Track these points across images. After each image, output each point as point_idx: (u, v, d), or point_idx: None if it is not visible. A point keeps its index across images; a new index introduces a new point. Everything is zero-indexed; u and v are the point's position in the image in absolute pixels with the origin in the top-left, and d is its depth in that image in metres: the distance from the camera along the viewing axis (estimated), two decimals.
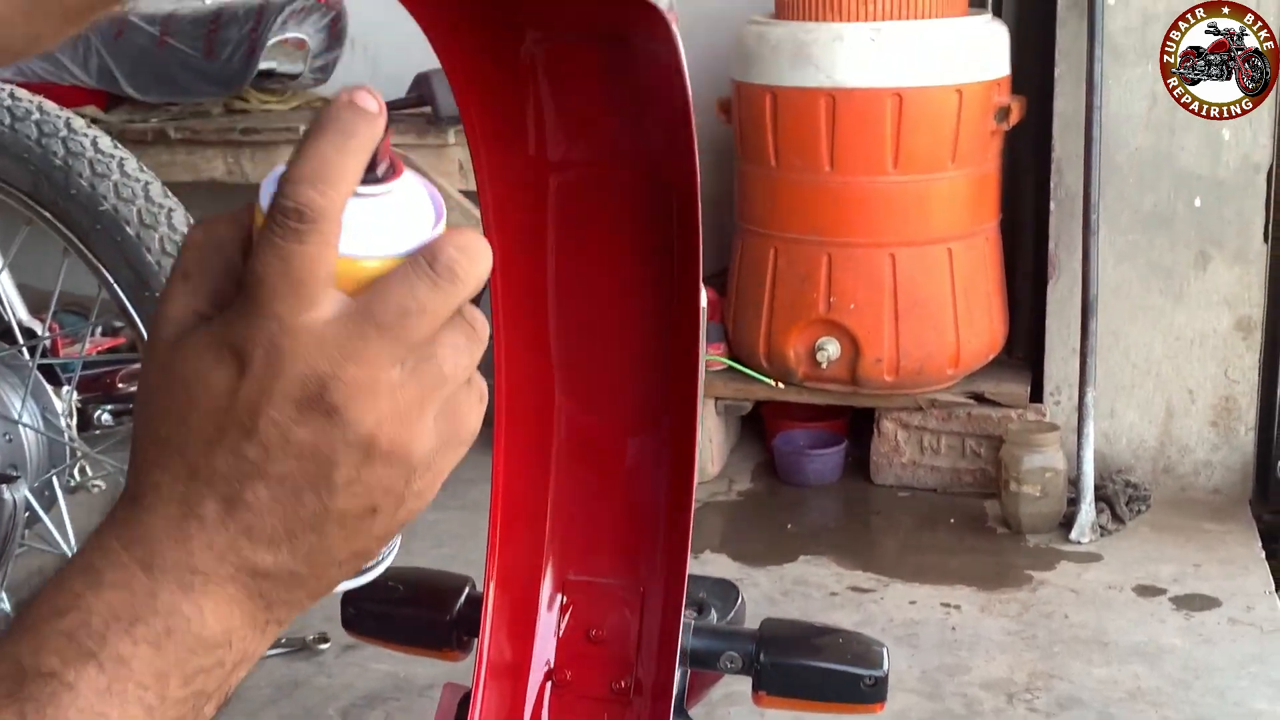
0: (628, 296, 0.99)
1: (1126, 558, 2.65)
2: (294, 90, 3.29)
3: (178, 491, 0.54)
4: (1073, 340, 2.85)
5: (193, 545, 0.54)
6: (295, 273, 0.52)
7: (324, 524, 0.55)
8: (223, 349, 0.54)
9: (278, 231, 0.52)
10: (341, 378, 0.53)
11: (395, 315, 0.54)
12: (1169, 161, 2.81)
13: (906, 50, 2.72)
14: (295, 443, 0.54)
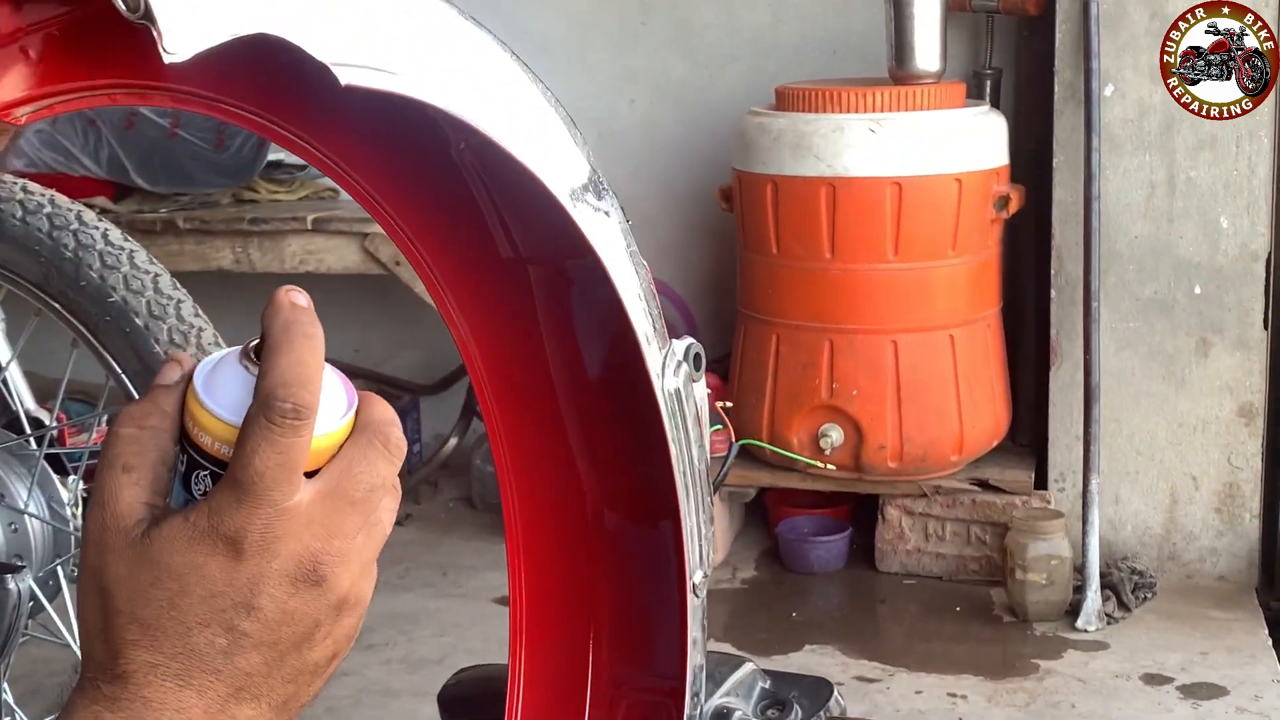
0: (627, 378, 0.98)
1: (1133, 646, 2.63)
2: (301, 180, 3.33)
3: (174, 669, 0.60)
4: (1076, 427, 2.86)
5: (192, 713, 0.60)
6: (290, 463, 0.59)
7: (299, 675, 0.62)
8: (215, 540, 0.59)
9: (278, 430, 0.59)
10: (329, 551, 0.61)
11: (364, 491, 0.62)
12: (1168, 250, 2.84)
13: (906, 140, 2.76)
14: (289, 613, 0.61)
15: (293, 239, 3.09)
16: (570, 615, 1.06)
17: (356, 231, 3.06)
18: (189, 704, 0.60)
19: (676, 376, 0.97)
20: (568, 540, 1.06)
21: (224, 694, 0.60)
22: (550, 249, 0.95)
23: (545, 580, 1.06)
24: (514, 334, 0.99)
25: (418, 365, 3.65)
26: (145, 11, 0.58)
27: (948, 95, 2.83)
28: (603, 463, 1.04)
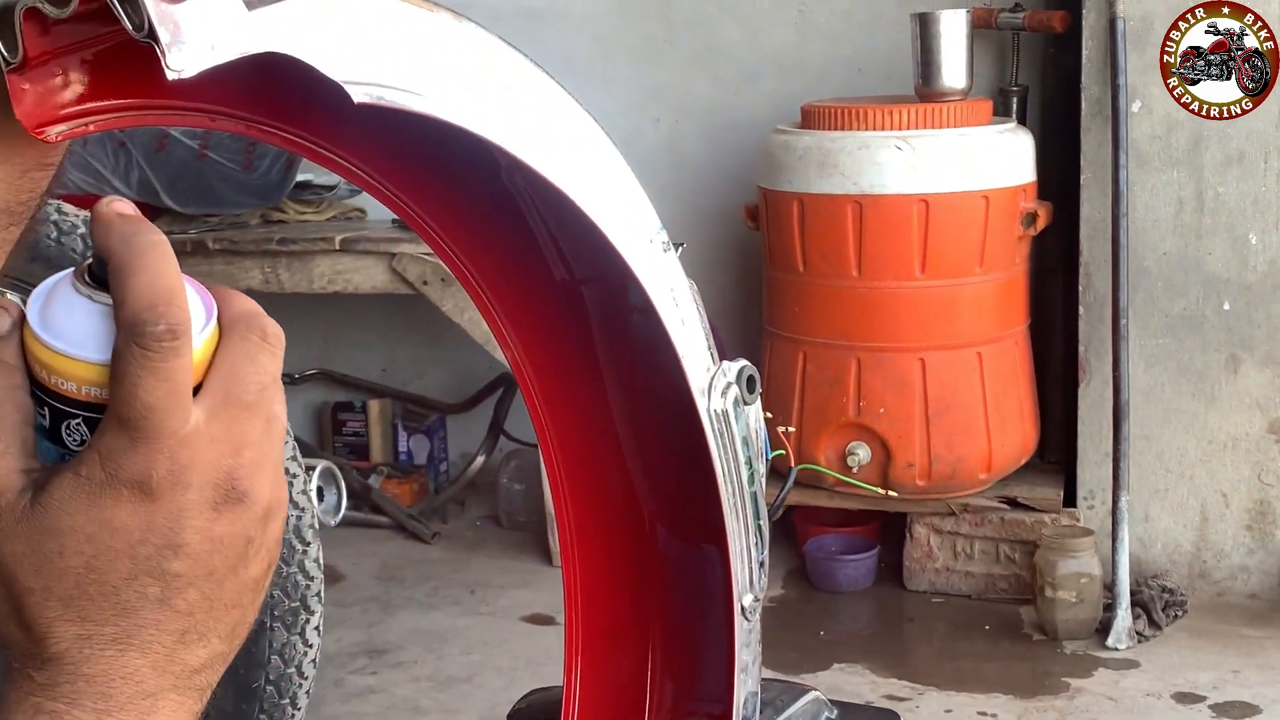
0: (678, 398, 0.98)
1: (1164, 664, 2.61)
2: (329, 201, 3.35)
3: (108, 634, 0.54)
4: (1105, 444, 2.84)
5: (141, 675, 0.55)
6: (178, 388, 0.54)
7: (241, 597, 0.58)
8: (119, 488, 0.54)
9: (156, 356, 0.53)
10: (242, 464, 0.56)
11: (256, 392, 0.56)
12: (1197, 266, 2.82)
13: (933, 158, 2.76)
14: (218, 538, 0.55)
15: (321, 259, 3.11)
16: (626, 635, 1.06)
17: (384, 251, 3.07)
18: (134, 666, 0.55)
19: (724, 398, 0.97)
20: (623, 559, 1.05)
21: (169, 644, 0.56)
22: (604, 272, 0.94)
23: (601, 599, 1.05)
24: (568, 353, 0.99)
25: (445, 384, 3.67)
26: (149, 30, 0.59)
27: (974, 112, 2.83)
28: (656, 482, 1.03)
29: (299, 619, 1.65)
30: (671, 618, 1.05)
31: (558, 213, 0.91)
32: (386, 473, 3.50)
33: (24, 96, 0.63)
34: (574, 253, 0.95)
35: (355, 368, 3.69)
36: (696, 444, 0.97)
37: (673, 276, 0.94)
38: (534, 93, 0.84)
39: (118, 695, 0.55)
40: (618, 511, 1.04)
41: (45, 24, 0.62)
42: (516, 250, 0.95)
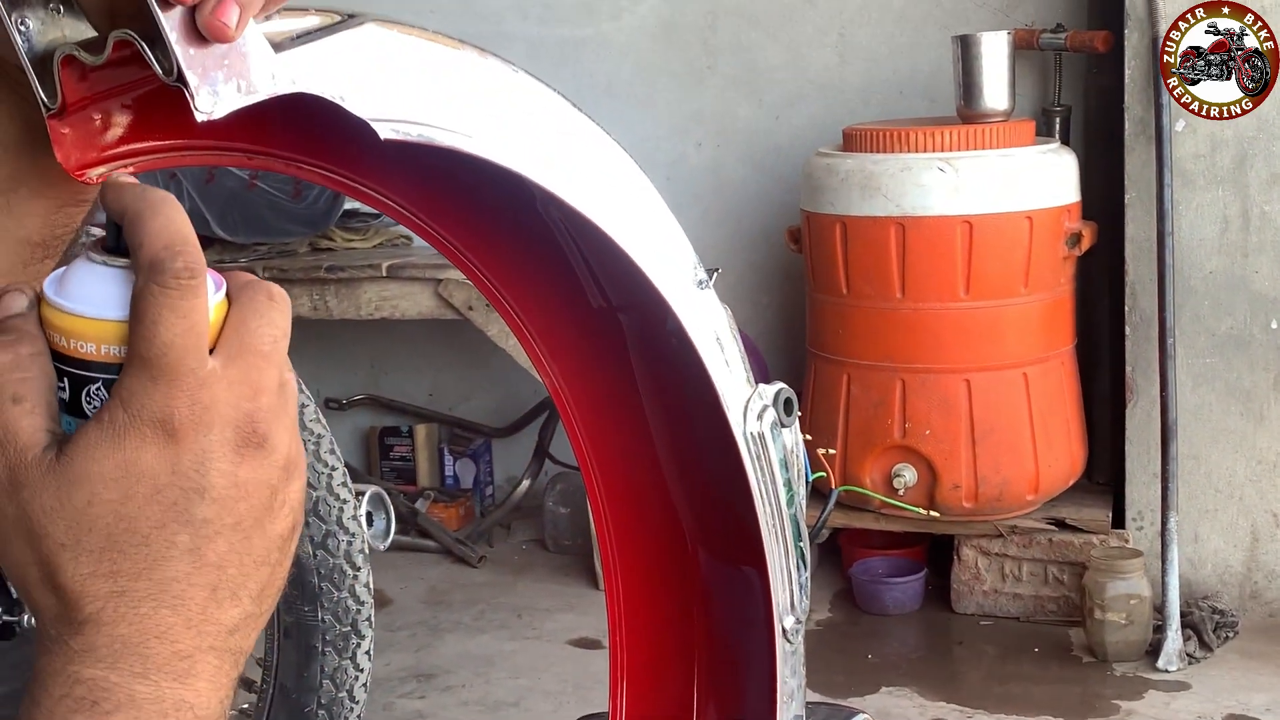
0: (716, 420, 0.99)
1: (1216, 686, 2.59)
2: (375, 229, 3.39)
3: (141, 590, 0.54)
4: (1153, 464, 2.83)
5: (176, 633, 0.54)
6: (197, 326, 0.54)
7: (269, 555, 0.57)
8: (143, 429, 0.53)
9: (175, 293, 0.53)
10: (261, 408, 0.55)
11: (270, 343, 0.56)
12: (1244, 284, 2.81)
13: (976, 179, 2.76)
14: (243, 483, 0.55)
15: (368, 286, 3.14)
16: (669, 657, 1.06)
17: (430, 278, 3.10)
18: (168, 624, 0.54)
19: (760, 421, 0.98)
20: (665, 583, 1.06)
21: (202, 600, 0.55)
22: (639, 299, 0.96)
23: (644, 623, 1.06)
24: (607, 379, 1.00)
25: (490, 408, 3.69)
26: (179, 75, 0.61)
27: (1017, 133, 2.83)
28: (696, 506, 1.04)
29: (350, 643, 1.67)
30: (715, 641, 1.06)
31: (592, 243, 0.93)
32: (433, 497, 3.52)
33: (64, 140, 0.66)
34: (609, 281, 0.96)
35: (402, 393, 3.72)
36: (735, 468, 0.98)
37: (708, 302, 0.95)
38: (561, 125, 0.85)
39: (154, 656, 0.54)
40: (659, 536, 1.05)
41: (83, 70, 0.65)
42: (553, 279, 0.96)
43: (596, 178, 0.87)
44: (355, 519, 1.70)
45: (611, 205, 0.88)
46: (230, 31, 0.59)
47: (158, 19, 0.59)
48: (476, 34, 0.78)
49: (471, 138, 0.78)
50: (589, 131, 0.87)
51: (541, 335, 0.97)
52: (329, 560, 1.65)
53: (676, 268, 0.93)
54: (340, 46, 0.70)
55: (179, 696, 0.54)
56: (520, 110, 0.82)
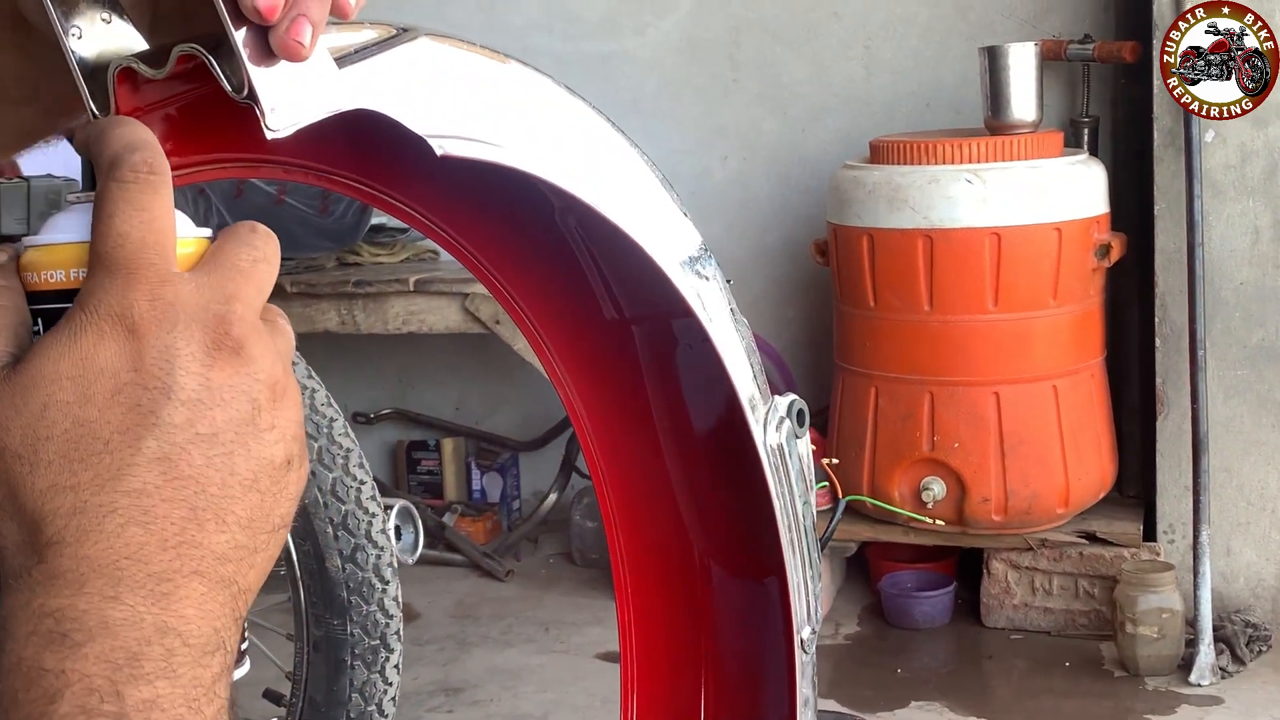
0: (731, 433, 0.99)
1: (1249, 700, 2.56)
2: (402, 243, 3.40)
3: (103, 504, 0.48)
4: (1185, 477, 2.80)
5: (147, 552, 0.48)
6: (156, 221, 0.51)
7: (258, 479, 0.51)
8: (100, 324, 0.50)
9: (134, 186, 0.51)
10: (234, 313, 0.51)
11: (249, 262, 0.53)
12: (1275, 296, 2.79)
13: (1003, 191, 2.75)
14: (217, 388, 0.50)
15: (395, 300, 3.15)
16: (680, 670, 1.07)
17: (457, 292, 3.11)
18: (139, 542, 0.48)
19: (778, 432, 0.98)
20: (676, 594, 1.07)
21: (179, 519, 0.49)
22: (653, 310, 0.96)
23: (654, 634, 1.06)
24: (619, 391, 1.01)
25: (517, 422, 3.69)
26: (250, 92, 0.62)
27: (1045, 144, 2.82)
28: (709, 518, 1.05)
29: (379, 657, 1.67)
30: (726, 652, 1.06)
31: (612, 254, 0.93)
32: (460, 511, 3.53)
33: None
34: (625, 292, 0.97)
35: (429, 407, 3.73)
36: (749, 480, 0.98)
37: (727, 312, 0.96)
38: (600, 141, 0.87)
39: (126, 577, 0.48)
40: (669, 550, 1.05)
41: (136, 82, 0.65)
42: (568, 291, 0.97)
43: (623, 185, 0.88)
44: (384, 533, 1.70)
45: (635, 211, 0.88)
46: (305, 50, 0.58)
47: (231, 37, 0.59)
48: (502, 49, 0.79)
49: (515, 151, 0.79)
50: (624, 149, 0.88)
51: (557, 348, 0.97)
52: (358, 574, 1.65)
53: (696, 271, 0.93)
54: (397, 61, 0.71)
55: (160, 620, 0.48)
56: (564, 126, 0.84)
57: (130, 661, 0.47)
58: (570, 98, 0.84)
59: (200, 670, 0.48)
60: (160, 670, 0.47)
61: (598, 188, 0.85)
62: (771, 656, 1.04)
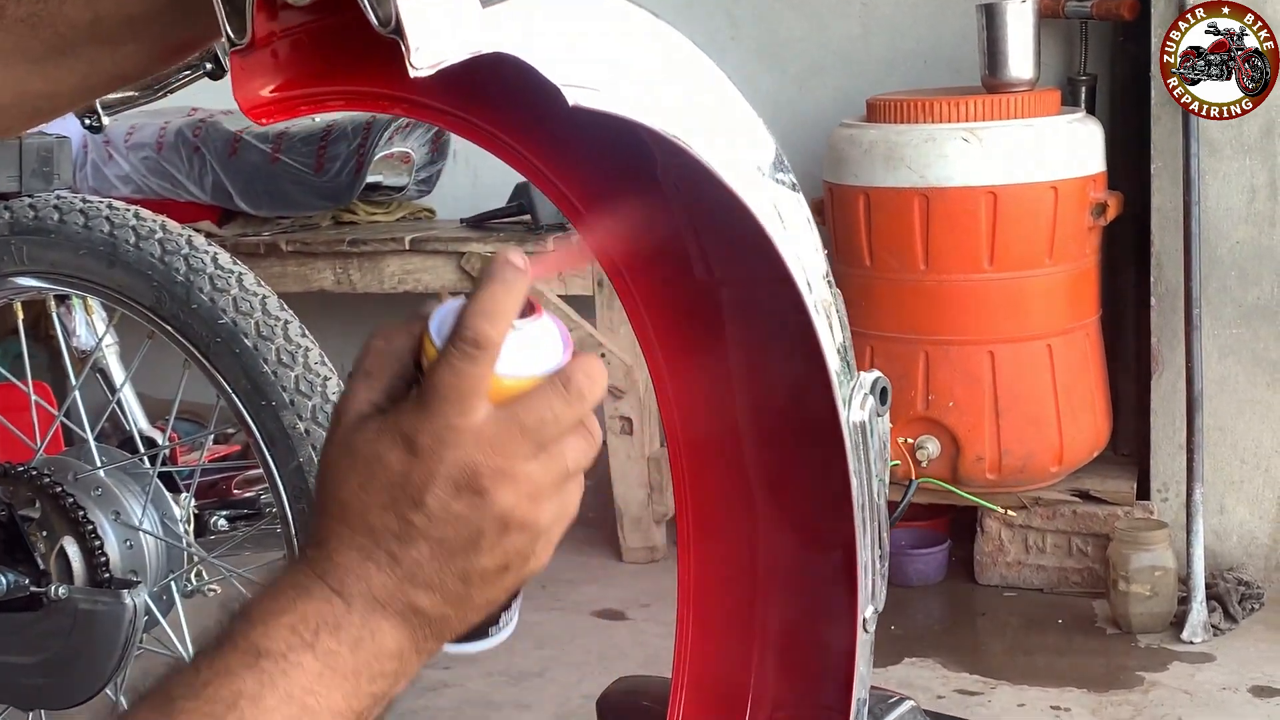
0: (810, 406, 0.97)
1: (1241, 657, 2.58)
2: (399, 202, 3.39)
3: (358, 541, 0.69)
4: (1179, 436, 2.81)
5: (372, 582, 0.69)
6: (464, 385, 0.67)
7: (469, 576, 0.70)
8: (398, 436, 0.68)
9: (455, 354, 0.67)
10: (490, 465, 0.68)
11: (536, 422, 0.69)
12: (1270, 254, 2.79)
13: (1001, 149, 2.74)
14: (452, 515, 0.68)
15: (391, 259, 3.15)
16: (735, 634, 1.06)
17: (453, 251, 3.10)
18: (370, 574, 0.68)
19: (863, 409, 0.98)
20: (738, 557, 1.06)
21: (400, 576, 0.68)
22: (747, 273, 0.95)
23: (712, 594, 1.06)
24: (701, 350, 1.00)
25: None
26: (396, 26, 0.61)
27: (1042, 103, 2.81)
28: (779, 486, 1.03)
29: None
30: (781, 622, 1.06)
31: (713, 214, 0.92)
32: None
33: (244, 77, 0.66)
34: (719, 254, 0.96)
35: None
36: (825, 454, 0.97)
37: (824, 281, 0.95)
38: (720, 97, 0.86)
39: (352, 587, 0.68)
40: (735, 514, 1.05)
41: (273, 9, 0.64)
42: (661, 247, 0.96)
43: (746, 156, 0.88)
44: None
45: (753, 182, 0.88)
46: None
47: None
48: None
49: (640, 104, 0.78)
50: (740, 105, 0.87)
51: (645, 301, 0.97)
52: None
53: (804, 241, 0.92)
54: (535, 5, 0.70)
55: (365, 620, 0.69)
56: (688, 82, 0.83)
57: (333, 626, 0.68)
58: (696, 52, 0.83)
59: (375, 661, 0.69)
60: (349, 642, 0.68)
61: (713, 147, 0.85)
62: (828, 630, 1.03)
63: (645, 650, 2.71)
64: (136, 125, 3.24)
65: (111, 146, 3.25)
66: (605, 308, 3.06)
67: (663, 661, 2.90)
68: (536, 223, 3.06)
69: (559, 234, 3.05)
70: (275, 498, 1.69)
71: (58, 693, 1.86)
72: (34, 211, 1.82)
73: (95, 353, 2.09)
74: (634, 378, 3.03)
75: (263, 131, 3.17)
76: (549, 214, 3.05)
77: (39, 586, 1.81)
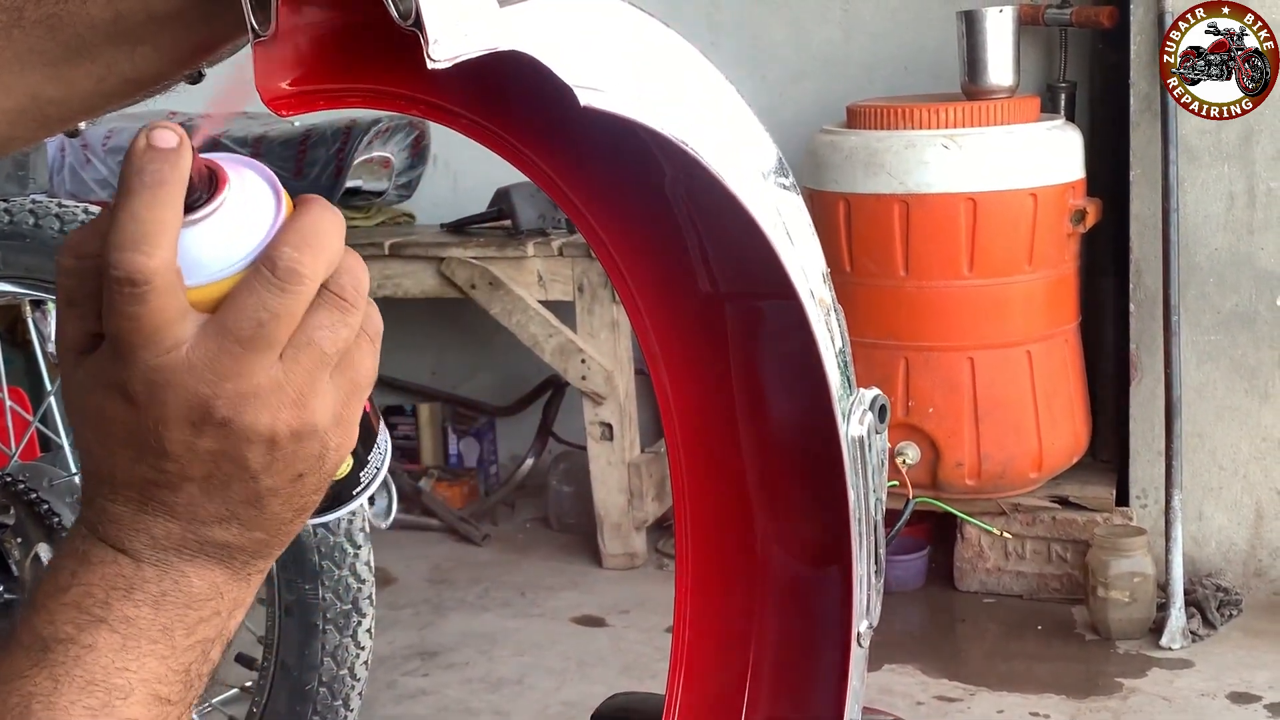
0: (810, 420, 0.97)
1: (1219, 664, 2.59)
2: (378, 207, 3.38)
3: (125, 495, 0.60)
4: (1157, 442, 2.82)
5: (155, 532, 0.60)
6: (145, 328, 0.57)
7: (260, 499, 0.61)
8: (110, 389, 0.59)
9: (118, 298, 0.56)
10: (221, 395, 0.58)
11: (252, 327, 0.58)
12: (1249, 261, 2.80)
13: (980, 156, 2.74)
14: (204, 452, 0.59)
15: (370, 264, 3.11)
16: (730, 648, 1.06)
17: (433, 256, 3.10)
18: (149, 525, 0.60)
19: (861, 425, 0.97)
20: (734, 574, 1.06)
21: (183, 519, 0.61)
22: (750, 288, 0.95)
23: (709, 607, 1.06)
24: (704, 367, 1.00)
25: (493, 387, 3.69)
26: (416, 19, 0.61)
27: (1022, 110, 2.81)
28: (777, 499, 1.03)
29: (351, 621, 1.67)
30: (777, 635, 1.05)
31: (719, 227, 0.92)
32: (437, 475, 3.52)
33: (266, 68, 0.65)
34: (723, 268, 0.96)
35: (405, 372, 3.72)
36: (823, 468, 0.96)
37: (828, 296, 0.95)
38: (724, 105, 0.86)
39: (134, 542, 0.60)
40: (734, 528, 1.04)
41: (297, 3, 0.65)
42: (667, 259, 0.96)
43: (753, 169, 0.87)
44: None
45: (761, 197, 0.88)
46: None
47: None
48: None
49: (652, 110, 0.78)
50: (747, 117, 0.87)
51: (650, 312, 0.96)
52: (330, 538, 1.64)
53: (805, 254, 0.92)
54: (548, 6, 0.71)
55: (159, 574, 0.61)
56: (696, 91, 0.83)
57: (125, 588, 0.60)
58: (705, 63, 0.83)
59: (187, 610, 0.61)
60: (148, 601, 0.60)
61: (723, 157, 0.84)
62: (823, 645, 1.03)
63: (625, 657, 2.71)
64: (115, 129, 3.22)
65: (89, 150, 3.23)
66: (585, 313, 3.05)
67: (642, 668, 2.92)
68: (517, 228, 3.05)
69: (538, 239, 3.04)
70: None
71: None
72: (9, 216, 1.81)
73: None
74: (614, 384, 3.03)
75: (241, 135, 3.16)
76: (529, 219, 3.04)
77: (13, 594, 1.79)
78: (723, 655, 1.05)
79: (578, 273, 3.03)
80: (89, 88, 0.73)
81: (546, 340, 3.02)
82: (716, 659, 1.05)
